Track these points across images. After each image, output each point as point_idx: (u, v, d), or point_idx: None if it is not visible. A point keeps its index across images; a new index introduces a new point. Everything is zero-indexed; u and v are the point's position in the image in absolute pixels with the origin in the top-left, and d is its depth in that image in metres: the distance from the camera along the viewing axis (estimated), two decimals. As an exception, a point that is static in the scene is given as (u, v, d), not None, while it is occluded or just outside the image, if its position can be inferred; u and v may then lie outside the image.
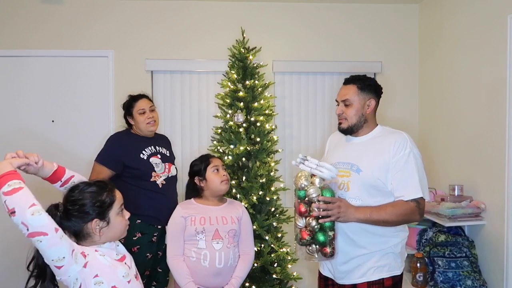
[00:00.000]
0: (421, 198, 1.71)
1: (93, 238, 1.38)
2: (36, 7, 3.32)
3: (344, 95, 1.86)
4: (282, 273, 2.68)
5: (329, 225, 1.65)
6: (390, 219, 1.69)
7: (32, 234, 1.19)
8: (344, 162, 1.83)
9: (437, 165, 3.14)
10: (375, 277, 1.75)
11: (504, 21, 2.31)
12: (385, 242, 1.76)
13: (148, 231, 2.35)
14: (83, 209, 1.36)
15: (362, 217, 1.68)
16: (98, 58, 3.37)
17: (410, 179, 1.70)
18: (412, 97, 3.52)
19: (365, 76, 1.89)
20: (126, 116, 2.55)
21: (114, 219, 1.41)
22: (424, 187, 1.73)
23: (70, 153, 3.32)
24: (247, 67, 2.84)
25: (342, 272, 1.80)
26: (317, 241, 1.64)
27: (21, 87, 3.32)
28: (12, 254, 3.13)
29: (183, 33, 3.41)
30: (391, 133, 1.82)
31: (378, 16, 3.50)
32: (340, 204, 1.65)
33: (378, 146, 1.78)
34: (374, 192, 1.74)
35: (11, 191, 1.19)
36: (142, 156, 2.41)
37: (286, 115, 3.45)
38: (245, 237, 2.16)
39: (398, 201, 1.71)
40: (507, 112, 2.27)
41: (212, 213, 2.08)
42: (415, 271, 2.46)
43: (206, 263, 1.99)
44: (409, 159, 1.71)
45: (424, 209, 1.76)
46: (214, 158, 2.19)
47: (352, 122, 1.84)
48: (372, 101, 1.85)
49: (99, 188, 1.42)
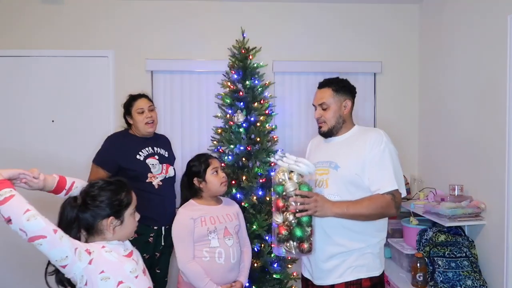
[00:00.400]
0: (396, 191, 1.73)
1: (105, 235, 1.41)
2: (37, 7, 3.32)
3: (320, 98, 1.91)
4: (282, 273, 2.68)
5: (306, 220, 1.67)
6: (366, 213, 1.71)
7: (31, 238, 1.21)
8: (323, 161, 1.88)
9: (437, 165, 3.14)
10: (353, 277, 1.76)
11: (504, 21, 2.31)
12: (363, 240, 1.78)
13: (144, 232, 2.34)
14: (102, 206, 1.40)
15: (339, 211, 1.70)
16: (98, 58, 3.37)
17: (385, 173, 1.74)
18: (412, 97, 3.52)
19: (338, 78, 1.96)
20: (125, 115, 2.55)
21: (128, 219, 1.46)
22: (400, 181, 1.77)
23: (70, 153, 3.32)
24: (247, 67, 2.84)
25: (321, 271, 1.81)
26: (295, 236, 1.65)
27: (21, 87, 3.32)
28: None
29: (183, 33, 3.41)
30: (368, 130, 1.89)
31: (378, 16, 3.50)
32: (317, 198, 1.68)
33: (355, 144, 1.82)
34: (352, 188, 1.77)
35: (3, 200, 1.20)
36: (138, 157, 2.41)
37: (286, 115, 3.45)
38: (243, 231, 2.25)
39: (374, 194, 1.74)
40: (507, 112, 2.26)
41: (217, 212, 2.12)
42: (415, 271, 2.46)
43: (222, 260, 2.03)
44: (384, 155, 1.75)
45: (400, 203, 1.79)
46: (213, 159, 2.18)
47: (331, 124, 1.89)
48: (348, 101, 1.91)
49: (118, 187, 1.46)
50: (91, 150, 2.57)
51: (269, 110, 2.87)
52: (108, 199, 1.41)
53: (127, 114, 2.53)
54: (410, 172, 3.43)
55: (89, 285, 1.32)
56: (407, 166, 3.42)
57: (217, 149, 2.82)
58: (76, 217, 1.34)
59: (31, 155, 3.30)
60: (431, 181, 3.12)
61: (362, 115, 3.52)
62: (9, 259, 3.25)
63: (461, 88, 2.78)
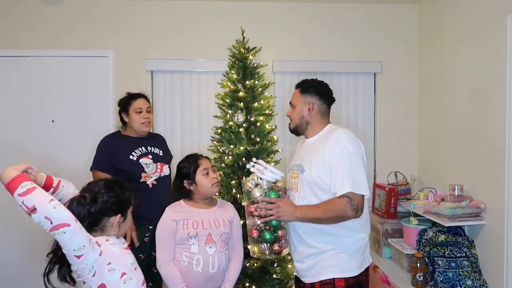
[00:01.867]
0: (351, 193, 1.70)
1: (109, 231, 1.47)
2: (36, 7, 3.32)
3: (291, 98, 2.00)
4: (282, 273, 2.68)
5: (274, 223, 1.79)
6: (323, 216, 1.72)
7: (56, 226, 1.25)
8: (296, 164, 1.94)
9: (437, 165, 3.14)
10: (326, 276, 1.77)
11: (504, 21, 2.31)
12: (336, 241, 1.79)
13: (139, 232, 2.35)
14: (111, 204, 1.46)
15: (299, 216, 1.76)
16: (98, 58, 3.37)
17: (340, 175, 1.73)
18: (412, 97, 3.52)
19: (309, 79, 1.98)
20: (121, 112, 2.54)
21: (129, 217, 1.54)
22: (358, 182, 1.72)
23: (70, 153, 3.32)
24: (247, 67, 2.84)
25: (301, 270, 1.88)
26: (264, 239, 1.79)
27: (21, 87, 3.32)
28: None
29: (183, 33, 3.41)
30: (331, 132, 1.86)
31: (378, 16, 3.50)
32: (280, 204, 1.76)
33: (318, 146, 1.84)
34: (318, 191, 1.79)
35: (26, 191, 1.25)
36: (131, 157, 2.42)
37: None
38: (237, 239, 2.11)
39: (332, 198, 1.75)
40: (507, 112, 2.26)
41: (204, 216, 2.00)
42: (415, 271, 2.46)
43: (199, 268, 1.93)
44: (341, 156, 1.74)
45: (360, 205, 1.73)
46: (203, 160, 2.09)
47: (295, 123, 1.95)
48: (312, 103, 1.91)
49: (122, 186, 1.53)
50: (90, 150, 2.57)
51: (269, 110, 2.87)
52: (117, 198, 1.47)
53: (124, 111, 2.53)
54: (410, 172, 3.43)
55: (97, 276, 1.37)
56: (407, 166, 3.43)
57: (217, 149, 2.82)
58: (87, 214, 1.41)
59: (31, 155, 3.30)
60: (431, 181, 3.11)
61: (363, 115, 3.52)
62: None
63: (461, 87, 2.78)
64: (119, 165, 2.39)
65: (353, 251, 1.80)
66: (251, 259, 2.69)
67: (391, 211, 2.97)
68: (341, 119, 3.45)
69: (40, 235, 1.49)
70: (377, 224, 3.01)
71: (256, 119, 2.78)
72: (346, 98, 3.48)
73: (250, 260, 2.66)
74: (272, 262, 2.66)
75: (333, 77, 3.43)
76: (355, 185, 1.71)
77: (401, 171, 3.25)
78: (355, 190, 1.71)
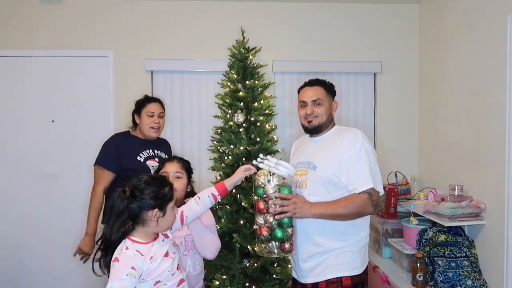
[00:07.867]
0: (373, 189, 1.74)
1: (149, 225, 1.51)
2: (36, 7, 3.32)
3: (314, 95, 1.95)
4: (282, 273, 2.68)
5: (287, 221, 1.72)
6: (344, 212, 1.72)
7: None
8: (303, 161, 1.92)
9: (437, 165, 3.14)
10: (333, 275, 1.78)
11: (504, 21, 2.31)
12: (343, 240, 1.80)
13: None
14: (148, 198, 1.50)
15: (317, 212, 1.73)
16: (98, 58, 3.37)
17: (361, 172, 1.75)
18: (412, 97, 3.52)
19: (326, 80, 2.01)
20: (134, 113, 2.55)
21: (169, 212, 1.55)
22: (377, 180, 1.78)
23: (70, 153, 3.32)
24: (247, 67, 2.85)
25: (304, 270, 1.85)
26: (275, 237, 1.71)
27: (21, 87, 3.32)
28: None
29: (183, 33, 3.41)
30: (345, 130, 1.91)
31: (378, 16, 3.50)
32: (296, 200, 1.71)
33: (332, 143, 1.85)
34: (331, 188, 1.80)
35: None
36: (139, 158, 2.42)
37: (286, 115, 3.45)
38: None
39: (351, 194, 1.76)
40: (507, 112, 2.26)
41: None
42: (415, 271, 2.46)
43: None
44: (360, 154, 1.77)
45: (378, 201, 1.79)
46: None
47: (323, 120, 1.93)
48: (334, 103, 1.99)
49: (162, 182, 1.57)
50: (91, 150, 2.57)
51: (269, 110, 2.87)
52: (154, 192, 1.51)
53: (137, 112, 2.53)
54: (410, 172, 3.42)
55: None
56: (407, 166, 3.43)
57: (217, 149, 2.82)
58: (126, 208, 1.46)
59: (31, 155, 3.30)
60: (431, 181, 3.11)
61: (362, 115, 3.52)
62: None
63: (461, 88, 2.78)
64: (127, 164, 2.38)
65: (358, 249, 1.83)
66: (251, 259, 2.70)
67: (391, 211, 2.97)
68: (341, 119, 3.45)
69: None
70: (377, 224, 3.01)
71: (256, 119, 2.78)
72: (346, 98, 3.49)
73: (250, 260, 2.66)
74: (272, 262, 2.66)
75: (333, 77, 3.42)
76: (375, 182, 1.76)
77: (401, 171, 3.25)
78: (376, 187, 1.76)
